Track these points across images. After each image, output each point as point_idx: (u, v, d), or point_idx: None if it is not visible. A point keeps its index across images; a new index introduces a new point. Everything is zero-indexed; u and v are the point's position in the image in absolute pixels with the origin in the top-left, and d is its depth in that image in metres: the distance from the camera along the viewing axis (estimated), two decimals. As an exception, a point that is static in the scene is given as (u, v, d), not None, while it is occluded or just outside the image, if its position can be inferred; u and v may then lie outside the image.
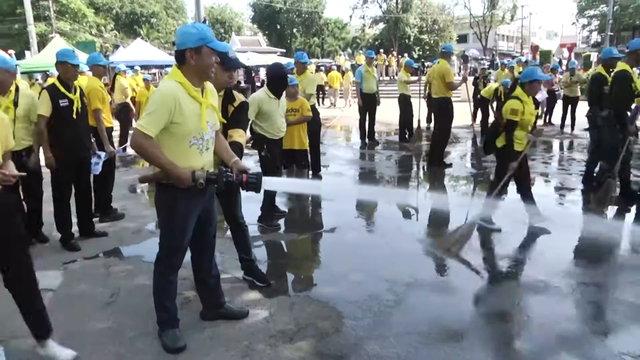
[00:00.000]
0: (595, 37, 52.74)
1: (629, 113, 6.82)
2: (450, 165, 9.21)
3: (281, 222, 5.86)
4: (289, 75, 5.84)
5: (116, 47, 32.86)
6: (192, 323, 3.48)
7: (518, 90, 5.39)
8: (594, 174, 7.06)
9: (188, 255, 3.33)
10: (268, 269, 4.52)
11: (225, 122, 3.60)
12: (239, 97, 3.87)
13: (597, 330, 3.49)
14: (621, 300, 3.94)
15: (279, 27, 56.78)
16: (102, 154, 5.61)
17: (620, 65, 6.32)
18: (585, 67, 28.91)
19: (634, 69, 6.47)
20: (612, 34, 35.76)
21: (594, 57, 31.37)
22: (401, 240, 5.31)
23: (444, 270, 4.60)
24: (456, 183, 8.28)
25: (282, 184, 4.49)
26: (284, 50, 40.77)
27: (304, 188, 4.17)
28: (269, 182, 3.17)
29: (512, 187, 5.78)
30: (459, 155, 10.57)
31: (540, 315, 3.70)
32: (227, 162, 3.19)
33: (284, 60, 21.59)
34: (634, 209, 6.48)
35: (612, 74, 6.48)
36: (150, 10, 50.24)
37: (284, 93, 5.62)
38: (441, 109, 9.05)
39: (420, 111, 11.26)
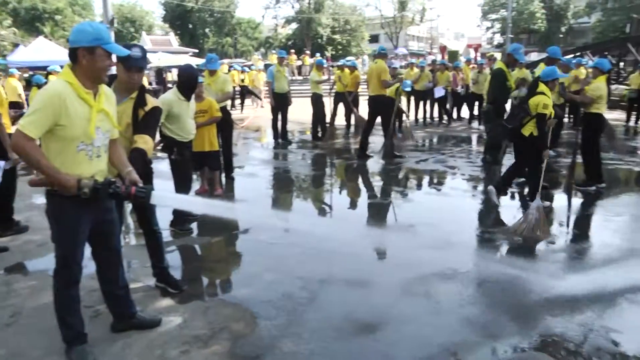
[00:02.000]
0: (498, 38, 55.87)
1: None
2: (402, 156, 9.68)
3: (194, 225, 5.76)
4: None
5: (15, 45, 30.79)
6: (103, 336, 3.35)
7: (542, 87, 6.05)
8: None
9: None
10: (181, 275, 4.44)
11: (120, 129, 3.40)
12: (152, 101, 3.70)
13: (503, 312, 3.70)
14: (526, 284, 4.21)
15: (190, 26, 55.48)
16: (2, 163, 5.22)
17: (498, 64, 6.78)
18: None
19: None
20: (512, 36, 37.96)
21: (498, 56, 33.11)
22: (314, 239, 5.35)
23: (357, 265, 4.67)
24: (372, 179, 8.46)
25: (177, 201, 4.26)
26: (197, 51, 39.90)
27: (202, 207, 4.09)
28: (163, 198, 3.07)
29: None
30: (374, 152, 10.81)
31: (449, 300, 3.88)
32: (120, 172, 3.06)
33: (197, 61, 21.18)
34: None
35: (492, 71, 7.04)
36: (54, 6, 47.37)
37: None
38: (379, 106, 9.42)
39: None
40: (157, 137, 4.46)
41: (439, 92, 14.30)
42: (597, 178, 7.18)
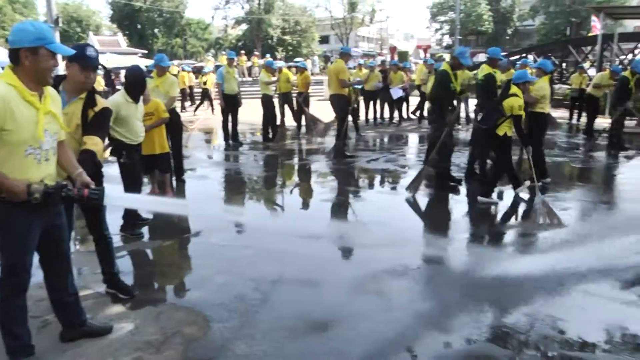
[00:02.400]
0: (447, 39, 57.14)
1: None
2: (352, 156, 9.84)
3: (145, 229, 5.69)
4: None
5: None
6: (51, 347, 3.26)
7: (515, 89, 6.40)
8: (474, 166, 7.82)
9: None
10: (133, 280, 4.39)
11: (68, 130, 3.31)
12: (101, 102, 3.62)
13: (454, 306, 3.83)
14: (476, 278, 4.37)
15: (139, 26, 54.31)
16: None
17: (443, 66, 7.05)
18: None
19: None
20: (460, 37, 38.88)
21: (447, 57, 33.85)
22: (266, 239, 5.39)
23: (309, 265, 4.71)
24: (324, 179, 8.55)
25: (130, 200, 4.21)
26: (146, 51, 39.11)
27: (155, 205, 4.03)
28: (116, 198, 3.03)
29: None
30: (325, 151, 10.93)
31: (401, 296, 3.98)
32: (70, 175, 2.99)
33: (146, 62, 20.77)
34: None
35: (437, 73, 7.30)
36: (-8, 3, 45.64)
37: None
38: (336, 105, 9.63)
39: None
40: (106, 140, 4.41)
41: (397, 93, 14.49)
42: (542, 173, 7.46)
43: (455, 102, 7.77)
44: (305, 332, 3.46)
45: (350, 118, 10.75)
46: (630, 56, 21.12)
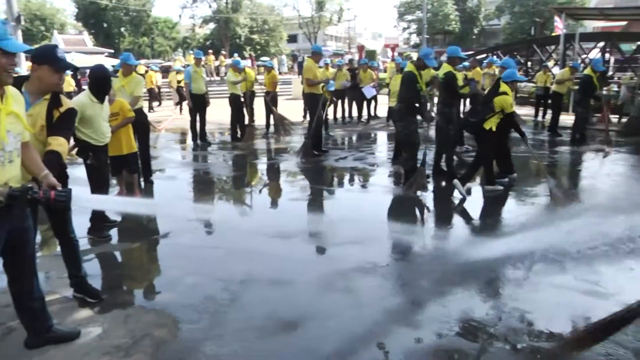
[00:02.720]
0: (414, 38, 57.67)
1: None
2: (326, 151, 10.04)
3: (113, 232, 5.62)
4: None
5: None
6: (16, 355, 3.20)
7: (504, 87, 6.83)
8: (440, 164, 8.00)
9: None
10: (101, 283, 4.32)
11: (33, 131, 3.26)
12: (67, 102, 3.56)
13: (423, 302, 3.90)
14: (443, 273, 4.44)
15: (105, 25, 53.32)
16: None
17: (408, 67, 7.14)
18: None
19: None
20: (428, 36, 39.33)
21: (414, 56, 34.25)
22: (235, 240, 5.38)
23: (278, 264, 4.71)
24: (293, 178, 8.56)
25: (98, 202, 4.18)
26: (112, 51, 38.48)
27: (123, 206, 3.98)
28: (83, 200, 2.99)
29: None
30: (293, 150, 10.95)
31: (370, 293, 4.02)
32: (36, 176, 2.94)
33: (113, 61, 20.41)
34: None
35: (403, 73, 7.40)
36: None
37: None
38: (307, 104, 9.85)
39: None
40: (71, 141, 4.34)
41: (370, 92, 14.57)
42: (508, 169, 7.70)
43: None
44: (275, 331, 3.47)
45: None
46: (591, 54, 21.72)
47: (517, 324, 3.53)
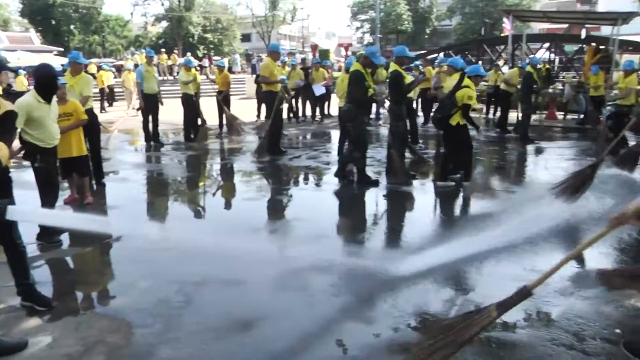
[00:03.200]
0: (368, 38, 58.20)
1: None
2: (285, 152, 10.02)
3: (64, 236, 5.44)
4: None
5: None
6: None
7: (467, 81, 6.94)
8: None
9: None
10: (51, 290, 4.21)
11: None
12: (5, 104, 3.44)
13: (378, 298, 3.95)
14: (398, 269, 4.46)
15: (54, 22, 51.44)
16: None
17: (355, 66, 7.19)
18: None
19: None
20: (381, 35, 39.76)
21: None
22: (190, 241, 5.29)
23: (232, 265, 4.64)
24: (247, 178, 8.54)
25: (36, 216, 4.05)
26: (62, 49, 37.24)
27: (67, 221, 3.85)
28: (20, 213, 2.88)
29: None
30: (248, 150, 10.93)
31: (325, 291, 4.07)
32: None
33: (62, 60, 19.80)
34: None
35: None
36: None
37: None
38: (265, 102, 10.03)
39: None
40: (17, 143, 4.22)
41: (319, 90, 14.63)
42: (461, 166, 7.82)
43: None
44: (230, 331, 3.48)
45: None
46: (538, 54, 22.48)
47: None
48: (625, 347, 3.12)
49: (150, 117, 11.15)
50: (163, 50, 31.21)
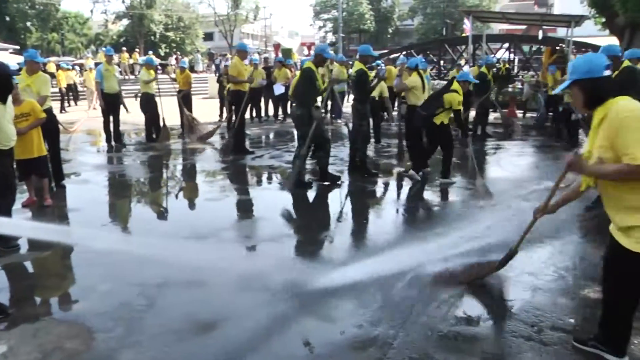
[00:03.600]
0: (330, 37, 58.44)
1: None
2: (252, 152, 10.10)
3: (22, 240, 5.29)
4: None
5: None
6: None
7: (456, 86, 7.34)
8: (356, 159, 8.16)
9: None
10: (8, 297, 4.10)
11: None
12: None
13: (339, 296, 3.98)
14: (356, 265, 4.55)
15: (8, 19, 49.82)
16: None
17: (307, 64, 7.23)
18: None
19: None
20: (344, 35, 40.01)
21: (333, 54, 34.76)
22: (151, 243, 5.27)
23: (194, 265, 4.59)
24: (210, 178, 8.50)
25: None
26: (18, 47, 36.06)
27: (23, 231, 3.77)
28: None
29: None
30: (209, 149, 10.86)
31: (285, 290, 4.07)
32: None
33: (18, 59, 19.19)
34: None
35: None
36: None
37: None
38: (234, 100, 10.05)
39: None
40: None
41: (278, 90, 14.61)
42: (423, 164, 8.01)
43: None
44: (193, 333, 3.46)
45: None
46: (498, 54, 23.03)
47: (431, 310, 3.73)
48: (575, 340, 3.26)
49: (111, 117, 10.95)
50: (124, 48, 30.63)
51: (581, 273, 4.44)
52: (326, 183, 7.47)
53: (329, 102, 13.75)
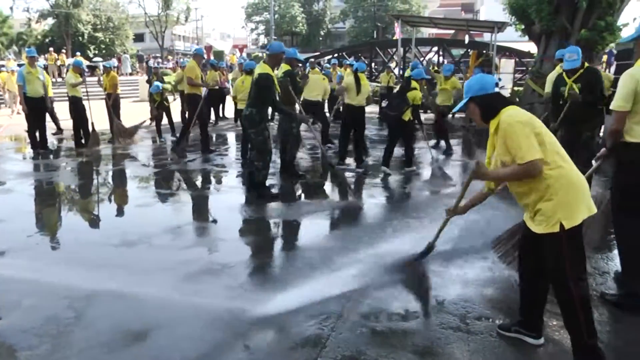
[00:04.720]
0: (262, 39, 58.33)
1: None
2: (213, 151, 10.53)
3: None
4: None
5: None
6: None
7: (414, 84, 8.24)
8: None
9: None
10: None
11: None
12: None
13: (269, 299, 3.95)
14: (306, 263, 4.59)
15: None
16: None
17: (263, 68, 6.74)
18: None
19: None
20: (275, 37, 39.96)
21: (264, 57, 34.76)
22: (80, 252, 5.11)
23: (124, 274, 4.50)
24: (140, 184, 8.30)
25: None
26: None
27: None
28: None
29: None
30: (146, 155, 10.60)
31: (219, 295, 4.05)
32: None
33: None
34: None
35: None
36: None
37: None
38: (190, 103, 10.32)
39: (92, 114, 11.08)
40: None
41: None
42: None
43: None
44: (124, 344, 3.36)
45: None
46: (428, 57, 23.84)
47: (364, 308, 3.82)
48: (499, 327, 3.50)
49: (36, 123, 10.46)
50: (51, 49, 29.27)
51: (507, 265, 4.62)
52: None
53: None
